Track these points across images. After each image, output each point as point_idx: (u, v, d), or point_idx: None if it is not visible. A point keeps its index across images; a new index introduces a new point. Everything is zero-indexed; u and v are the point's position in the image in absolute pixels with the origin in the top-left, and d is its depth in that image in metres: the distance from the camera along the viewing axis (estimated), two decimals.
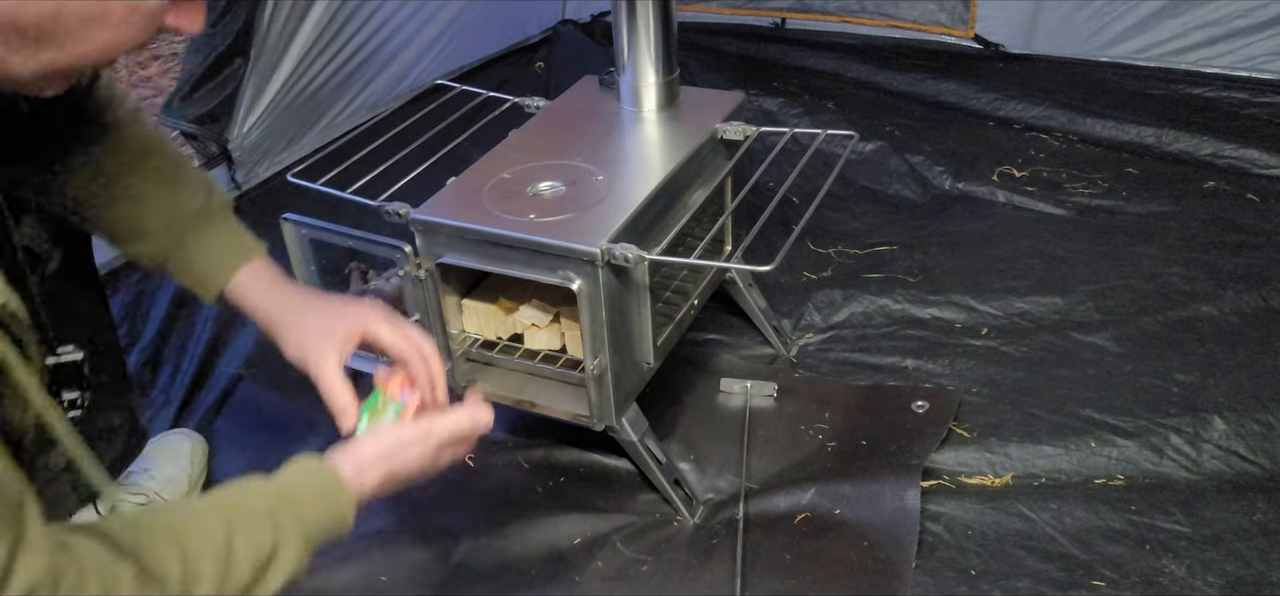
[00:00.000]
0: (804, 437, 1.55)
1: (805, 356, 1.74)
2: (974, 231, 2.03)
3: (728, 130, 1.48)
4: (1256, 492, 1.38)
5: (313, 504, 0.88)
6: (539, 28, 3.10)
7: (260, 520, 0.83)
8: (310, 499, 0.88)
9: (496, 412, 1.62)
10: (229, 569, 0.80)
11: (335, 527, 0.90)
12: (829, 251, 2.02)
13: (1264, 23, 2.35)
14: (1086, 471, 1.44)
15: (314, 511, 0.88)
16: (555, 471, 1.53)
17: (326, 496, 0.90)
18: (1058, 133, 2.37)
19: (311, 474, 0.91)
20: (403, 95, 2.67)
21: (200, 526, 0.80)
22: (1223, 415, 1.47)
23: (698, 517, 1.43)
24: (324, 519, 0.89)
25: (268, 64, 2.25)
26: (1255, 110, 2.32)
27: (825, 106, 2.54)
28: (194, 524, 0.80)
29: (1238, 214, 1.99)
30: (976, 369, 1.64)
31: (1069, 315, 1.74)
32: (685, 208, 1.41)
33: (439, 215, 1.30)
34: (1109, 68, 2.57)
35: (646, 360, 1.38)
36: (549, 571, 1.36)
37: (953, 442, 1.50)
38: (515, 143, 1.49)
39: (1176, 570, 1.28)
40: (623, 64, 1.50)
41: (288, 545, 0.84)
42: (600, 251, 1.19)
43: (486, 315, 1.41)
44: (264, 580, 0.83)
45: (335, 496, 0.90)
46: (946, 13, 2.74)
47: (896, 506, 1.36)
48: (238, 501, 0.84)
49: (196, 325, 1.91)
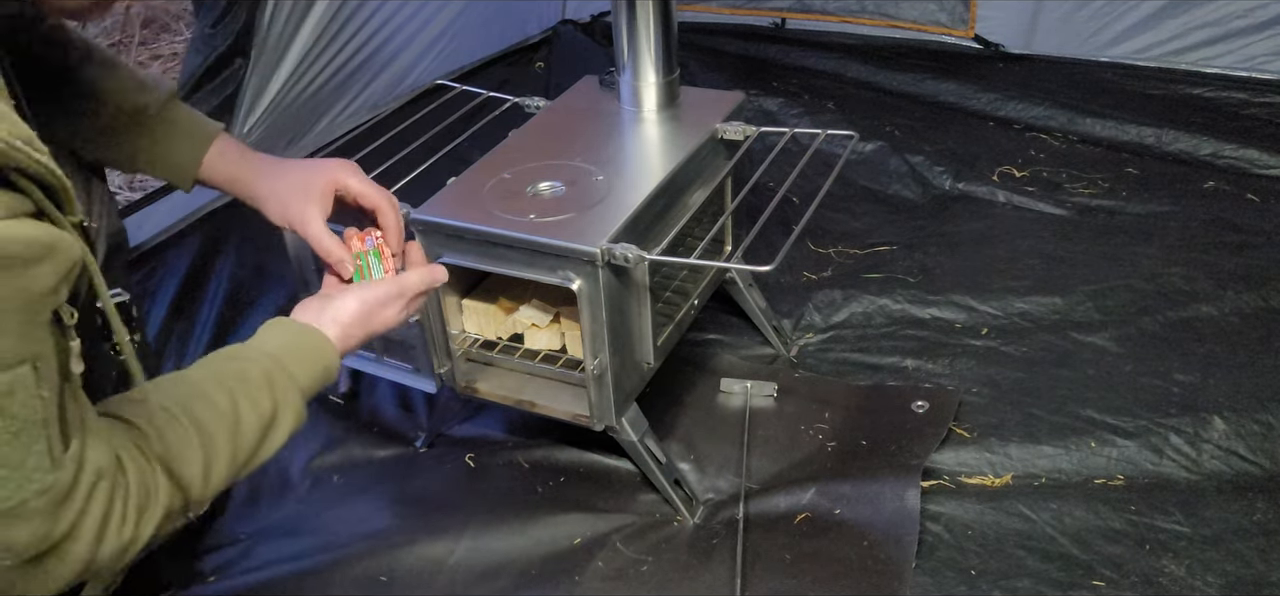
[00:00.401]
0: (804, 437, 1.55)
1: (805, 356, 1.74)
2: (974, 231, 2.03)
3: (728, 130, 1.48)
4: (1256, 492, 1.38)
5: (304, 364, 0.95)
6: (539, 28, 3.10)
7: (259, 385, 0.90)
8: (301, 360, 0.95)
9: (496, 412, 1.64)
10: (239, 435, 0.87)
11: (324, 381, 0.98)
12: (829, 251, 2.02)
13: (1264, 23, 2.35)
14: (1086, 471, 1.44)
15: (306, 371, 0.95)
16: (555, 471, 1.53)
17: (316, 355, 0.97)
18: (1058, 133, 2.37)
19: (301, 335, 0.98)
20: (403, 95, 2.67)
21: (209, 402, 0.86)
22: (1223, 415, 1.47)
23: (698, 517, 1.43)
24: (315, 375, 0.96)
25: (268, 64, 2.25)
26: (1255, 110, 2.32)
27: (825, 106, 2.54)
28: (203, 400, 0.86)
29: (1238, 214, 1.99)
30: (976, 369, 1.64)
31: (1069, 315, 1.74)
32: (685, 208, 1.41)
33: (439, 215, 1.30)
34: (1109, 68, 2.57)
35: (646, 360, 1.38)
36: (549, 571, 1.36)
37: (953, 442, 1.50)
38: (515, 143, 1.49)
39: (1176, 570, 1.28)
40: (623, 64, 1.51)
41: (286, 405, 0.92)
42: (600, 251, 1.19)
43: (486, 315, 1.41)
44: (269, 438, 0.91)
45: (323, 352, 0.98)
46: (946, 13, 2.74)
47: (896, 506, 1.36)
48: (236, 372, 0.90)
49: (197, 325, 1.91)
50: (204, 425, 0.84)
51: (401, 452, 1.61)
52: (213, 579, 1.40)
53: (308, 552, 1.42)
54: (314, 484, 1.56)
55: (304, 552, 1.42)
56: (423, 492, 1.52)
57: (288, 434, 0.93)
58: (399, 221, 1.13)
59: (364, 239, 1.10)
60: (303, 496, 1.53)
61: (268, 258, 2.03)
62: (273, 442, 0.91)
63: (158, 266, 2.08)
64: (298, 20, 2.26)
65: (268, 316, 1.97)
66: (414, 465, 1.58)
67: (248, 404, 0.88)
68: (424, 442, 1.61)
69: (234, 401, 0.87)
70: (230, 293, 1.99)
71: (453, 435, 1.63)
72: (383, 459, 1.60)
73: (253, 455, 0.89)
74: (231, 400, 0.87)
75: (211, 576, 1.40)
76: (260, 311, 1.93)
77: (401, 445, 1.62)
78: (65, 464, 0.69)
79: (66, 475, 0.69)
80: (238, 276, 2.03)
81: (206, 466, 0.84)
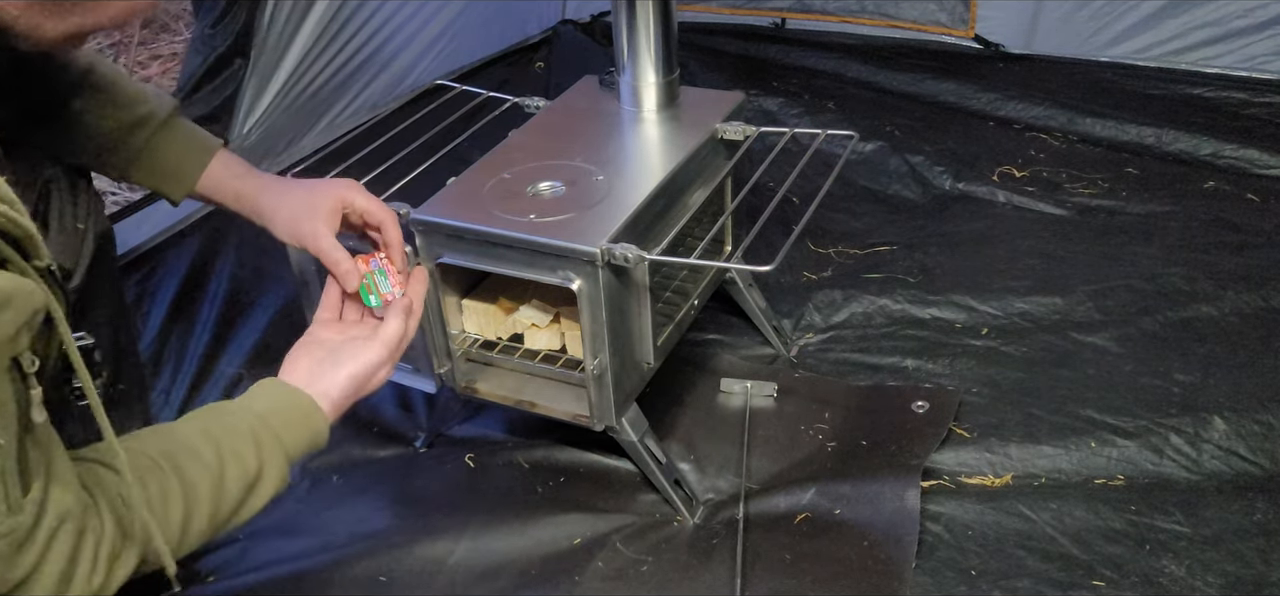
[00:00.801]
0: (804, 437, 1.55)
1: (805, 356, 1.74)
2: (974, 231, 2.03)
3: (728, 130, 1.48)
4: (1256, 492, 1.38)
5: (292, 429, 0.95)
6: (539, 28, 3.10)
7: (245, 443, 0.90)
8: (289, 424, 0.95)
9: (496, 412, 1.63)
10: (222, 492, 0.87)
11: (311, 447, 0.97)
12: (829, 251, 2.02)
13: (1264, 23, 2.35)
14: (1086, 471, 1.44)
15: (293, 436, 0.94)
16: (555, 471, 1.53)
17: (305, 421, 0.96)
18: (1058, 133, 2.36)
19: (288, 398, 0.97)
20: (403, 95, 2.67)
21: (193, 452, 0.86)
22: (1223, 415, 1.47)
23: (698, 517, 1.43)
24: (302, 440, 0.95)
25: (268, 64, 2.25)
26: (1255, 110, 2.32)
27: (825, 106, 2.54)
28: (188, 452, 0.86)
29: (1238, 214, 1.99)
30: (976, 369, 1.64)
31: (1069, 315, 1.74)
32: (685, 208, 1.41)
33: (439, 215, 1.30)
34: (1109, 68, 2.57)
35: (646, 360, 1.38)
36: (549, 571, 1.36)
37: (953, 442, 1.50)
38: (515, 143, 1.49)
39: (1176, 570, 1.28)
40: (623, 64, 1.51)
41: (271, 465, 0.91)
42: (600, 251, 1.19)
43: (486, 315, 1.41)
44: (250, 499, 0.90)
45: (312, 420, 0.97)
46: (946, 13, 2.74)
47: (896, 506, 1.36)
48: (224, 425, 0.90)
49: (197, 325, 1.91)
50: (187, 476, 0.84)
51: (401, 453, 1.61)
52: (212, 579, 1.40)
53: (307, 553, 1.42)
54: (313, 484, 1.56)
55: (303, 553, 1.42)
56: (422, 492, 1.52)
57: (270, 496, 0.92)
58: (401, 240, 1.15)
59: (369, 261, 1.12)
60: (302, 496, 1.53)
61: (268, 258, 2.03)
62: (254, 503, 0.91)
63: (158, 266, 2.08)
64: (298, 20, 2.26)
65: (268, 317, 1.99)
66: (414, 465, 1.58)
67: (233, 460, 0.88)
68: (424, 443, 1.61)
69: (220, 456, 0.87)
70: (230, 293, 1.98)
71: (453, 435, 1.63)
72: (382, 459, 1.60)
73: (234, 513, 0.89)
74: (217, 454, 0.87)
75: (211, 576, 1.40)
76: (260, 312, 1.93)
77: (401, 445, 1.62)
78: (24, 508, 0.69)
79: (26, 519, 0.69)
80: (238, 277, 2.03)
81: (186, 519, 0.84)
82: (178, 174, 1.17)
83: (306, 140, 2.44)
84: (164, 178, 1.17)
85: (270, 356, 1.81)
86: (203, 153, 1.17)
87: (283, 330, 1.86)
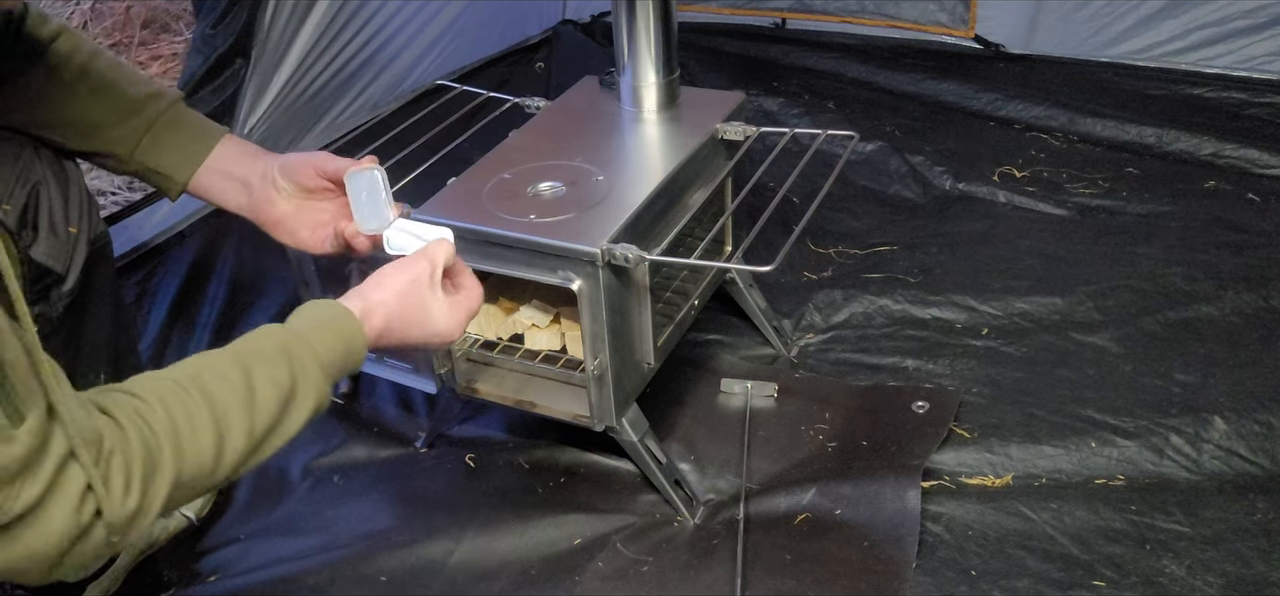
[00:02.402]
0: (804, 438, 1.55)
1: (805, 356, 1.74)
2: (974, 231, 2.03)
3: (728, 130, 1.48)
4: (1257, 492, 1.37)
5: (324, 336, 0.91)
6: (539, 28, 3.10)
7: (275, 358, 0.86)
8: (321, 331, 0.91)
9: (496, 412, 1.64)
10: (255, 408, 0.83)
11: (348, 358, 0.93)
12: (829, 251, 2.02)
13: (1264, 23, 2.35)
14: (1087, 471, 1.44)
15: (326, 342, 0.90)
16: (555, 471, 1.53)
17: (337, 327, 0.92)
18: (1058, 133, 2.36)
19: (319, 310, 0.94)
20: (403, 96, 2.67)
21: (219, 373, 0.82)
22: (1223, 415, 1.47)
23: (698, 518, 1.43)
24: (337, 348, 0.91)
25: (269, 65, 2.25)
26: (1255, 110, 2.32)
27: (825, 106, 2.54)
28: (212, 372, 0.82)
29: (1238, 214, 1.99)
30: (977, 369, 1.64)
31: (1069, 315, 1.74)
32: (685, 208, 1.41)
33: (439, 215, 1.30)
34: (1109, 68, 2.57)
35: (647, 360, 1.38)
36: (549, 571, 1.36)
37: (953, 443, 1.50)
38: (515, 143, 1.49)
39: (1177, 570, 1.28)
40: (623, 64, 1.51)
41: (306, 378, 0.87)
42: (600, 252, 1.19)
43: (486, 315, 1.41)
44: (289, 414, 0.86)
45: (345, 325, 0.93)
46: (946, 13, 2.74)
47: (897, 506, 1.36)
48: (250, 347, 0.87)
49: (197, 325, 1.91)
50: (215, 398, 0.81)
51: (401, 453, 1.61)
52: (213, 578, 1.40)
53: (307, 553, 1.42)
54: (314, 484, 1.56)
55: (304, 553, 1.42)
56: (423, 493, 1.52)
57: (310, 411, 0.88)
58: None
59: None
60: (302, 496, 1.53)
61: (268, 258, 2.03)
62: (294, 419, 0.87)
63: (158, 266, 2.08)
64: (298, 21, 2.26)
65: (268, 317, 1.99)
66: (414, 465, 1.58)
67: (263, 376, 0.84)
68: (424, 443, 1.61)
69: (247, 373, 0.84)
70: (230, 292, 1.99)
71: (453, 435, 1.63)
72: (383, 459, 1.60)
73: (271, 430, 0.85)
74: (244, 373, 0.84)
75: (211, 576, 1.40)
76: (260, 312, 1.93)
77: (401, 445, 1.62)
78: (16, 439, 0.67)
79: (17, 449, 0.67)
80: (238, 276, 2.03)
81: (220, 439, 0.80)
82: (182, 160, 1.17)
83: (307, 140, 2.44)
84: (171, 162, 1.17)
85: None
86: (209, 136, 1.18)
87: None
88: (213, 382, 0.82)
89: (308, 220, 1.19)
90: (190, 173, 1.18)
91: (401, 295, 0.99)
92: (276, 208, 1.18)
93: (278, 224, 1.19)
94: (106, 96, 1.13)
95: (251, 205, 1.19)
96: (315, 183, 1.17)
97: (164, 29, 3.36)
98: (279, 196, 1.18)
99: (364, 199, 1.11)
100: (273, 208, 1.18)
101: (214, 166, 1.18)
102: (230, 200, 1.19)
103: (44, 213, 1.08)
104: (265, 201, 1.18)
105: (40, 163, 1.09)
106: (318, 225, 1.19)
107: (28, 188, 1.06)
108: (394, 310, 0.98)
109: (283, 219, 1.18)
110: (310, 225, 1.19)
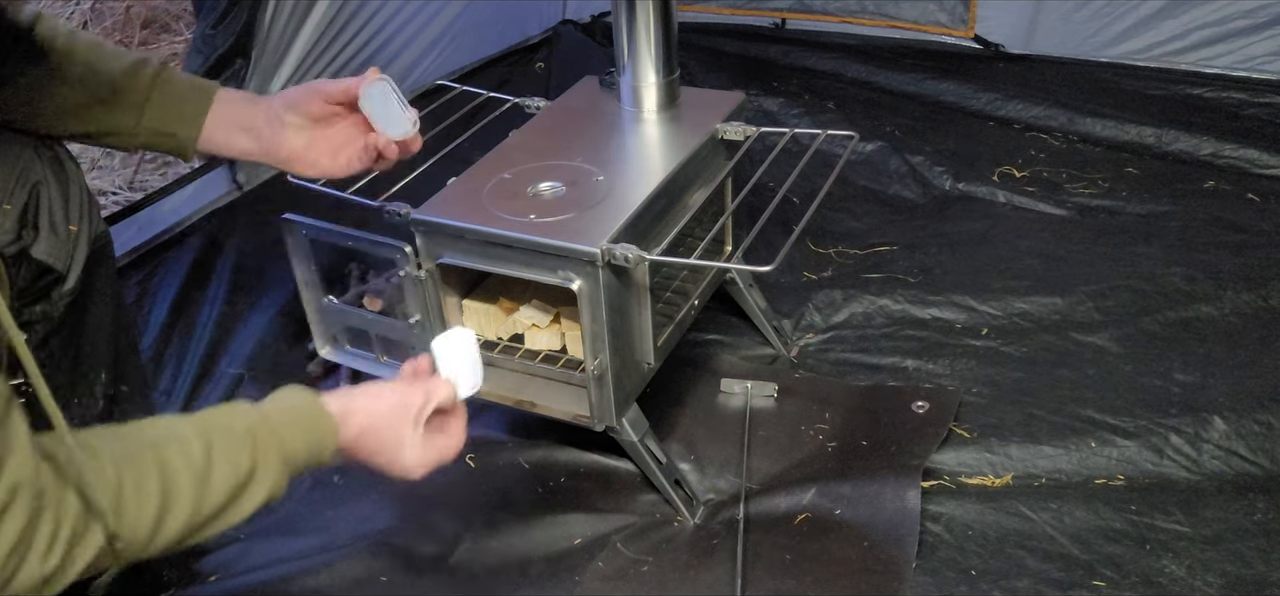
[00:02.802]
0: (804, 438, 1.55)
1: (805, 356, 1.74)
2: (974, 231, 2.03)
3: (728, 130, 1.48)
4: (1257, 492, 1.38)
5: (295, 429, 0.89)
6: (539, 28, 3.10)
7: (240, 439, 0.84)
8: (292, 424, 0.89)
9: (496, 412, 1.63)
10: (206, 488, 0.81)
11: (314, 456, 0.90)
12: (829, 251, 2.02)
13: (1264, 23, 2.35)
14: (1087, 471, 1.44)
15: (294, 436, 0.88)
16: (555, 471, 1.53)
17: (310, 422, 0.91)
18: (1058, 133, 2.36)
19: (295, 398, 0.92)
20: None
21: (180, 444, 0.81)
22: (1223, 415, 1.47)
23: (698, 518, 1.43)
24: (304, 443, 0.89)
25: (269, 65, 2.25)
26: (1255, 110, 2.32)
27: (825, 106, 2.54)
28: (174, 441, 0.81)
29: (1238, 214, 1.99)
30: (977, 369, 1.64)
31: (1069, 315, 1.74)
32: (685, 208, 1.41)
33: (439, 215, 1.30)
34: (1109, 68, 2.56)
35: (647, 360, 1.38)
36: (549, 571, 1.36)
37: (953, 443, 1.50)
38: (515, 143, 1.49)
39: (1176, 570, 1.28)
40: (623, 64, 1.51)
41: (266, 466, 0.85)
42: (600, 252, 1.19)
43: (486, 315, 1.41)
44: (239, 501, 0.84)
45: (318, 423, 0.91)
46: (946, 13, 2.74)
47: (897, 506, 1.36)
48: (219, 423, 0.85)
49: (197, 325, 1.91)
50: (169, 469, 0.79)
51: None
52: (213, 579, 1.40)
53: (308, 552, 1.42)
54: (314, 483, 1.55)
55: (304, 552, 1.42)
56: (423, 493, 1.51)
57: (262, 500, 0.86)
58: None
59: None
60: (303, 496, 1.53)
61: (268, 258, 2.03)
62: (244, 506, 0.84)
63: (158, 266, 2.08)
64: (298, 20, 2.26)
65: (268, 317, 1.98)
66: None
67: (222, 455, 0.82)
68: None
69: (208, 449, 0.82)
70: (230, 293, 1.98)
71: None
72: None
73: (219, 513, 0.82)
74: (206, 447, 0.81)
75: (212, 576, 1.40)
76: (261, 312, 1.93)
77: None
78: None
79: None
80: (238, 277, 2.02)
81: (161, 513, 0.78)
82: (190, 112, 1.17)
83: None
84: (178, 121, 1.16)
85: (271, 356, 1.81)
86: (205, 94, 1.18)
87: (283, 330, 1.86)
88: (171, 452, 0.80)
89: (325, 148, 1.21)
90: (197, 129, 1.17)
91: (384, 416, 0.97)
92: (289, 144, 1.19)
93: (296, 159, 1.20)
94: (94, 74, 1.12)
95: (262, 148, 1.19)
96: (324, 110, 1.19)
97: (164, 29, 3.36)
98: (289, 133, 1.19)
99: (380, 108, 1.17)
100: (285, 145, 1.19)
101: (218, 118, 1.18)
102: (240, 147, 1.20)
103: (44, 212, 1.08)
104: (276, 141, 1.19)
105: (40, 162, 1.09)
106: (339, 149, 1.21)
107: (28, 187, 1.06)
108: (371, 425, 0.96)
109: (300, 152, 1.20)
110: (330, 152, 1.21)
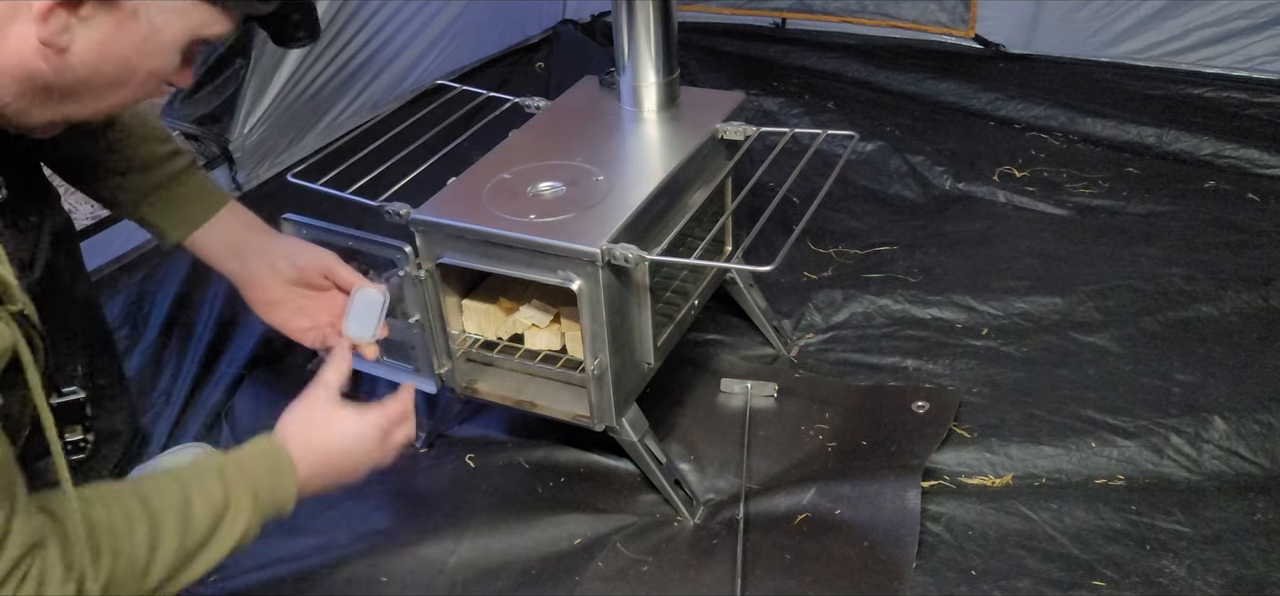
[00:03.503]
0: (804, 438, 1.55)
1: (805, 356, 1.74)
2: (974, 231, 2.03)
3: (728, 130, 1.48)
4: (1257, 492, 1.38)
5: (258, 467, 0.97)
6: (539, 28, 3.10)
7: (211, 476, 0.92)
8: (256, 462, 0.98)
9: (496, 412, 1.63)
10: (189, 520, 0.88)
11: (277, 493, 0.98)
12: (829, 251, 2.02)
13: (1264, 23, 2.35)
14: (1087, 471, 1.44)
15: (261, 475, 0.97)
16: (555, 471, 1.53)
17: (270, 461, 0.99)
18: (1058, 133, 2.36)
19: (259, 442, 1.01)
20: (403, 95, 2.67)
21: (155, 482, 0.90)
22: (1223, 415, 1.47)
23: (698, 518, 1.43)
24: (267, 482, 0.97)
25: (268, 65, 2.25)
26: (1255, 110, 2.32)
27: (825, 106, 2.54)
28: (148, 482, 0.90)
29: (1238, 214, 1.99)
30: (977, 369, 1.64)
31: (1069, 315, 1.74)
32: (685, 208, 1.41)
33: (439, 215, 1.30)
34: (1109, 68, 2.57)
35: (647, 360, 1.38)
36: (549, 571, 1.36)
37: (953, 443, 1.50)
38: (515, 143, 1.49)
39: (1177, 570, 1.28)
40: (623, 64, 1.51)
41: (238, 500, 0.93)
42: (600, 252, 1.19)
43: (486, 315, 1.41)
44: (220, 532, 0.91)
45: (277, 461, 0.99)
46: (947, 13, 2.74)
47: (897, 506, 1.36)
48: (190, 466, 0.94)
49: (198, 326, 1.91)
50: (151, 501, 0.86)
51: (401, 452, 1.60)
52: (213, 579, 1.40)
53: (307, 553, 1.42)
54: None
55: (303, 553, 1.42)
56: (423, 492, 1.52)
57: (241, 531, 0.93)
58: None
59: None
60: None
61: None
62: (225, 538, 0.91)
63: (158, 266, 2.08)
64: None
65: None
66: (414, 465, 1.58)
67: (198, 491, 0.90)
68: (424, 443, 1.61)
69: (184, 487, 0.90)
70: (231, 293, 1.97)
71: (453, 435, 1.63)
72: None
73: (203, 544, 0.90)
74: (181, 486, 0.89)
75: (212, 576, 1.40)
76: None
77: None
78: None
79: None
80: None
81: (152, 546, 0.85)
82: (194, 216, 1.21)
83: (307, 140, 2.44)
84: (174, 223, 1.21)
85: (271, 357, 1.81)
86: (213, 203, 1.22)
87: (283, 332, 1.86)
88: (151, 492, 0.87)
89: (294, 311, 1.25)
90: (185, 234, 1.22)
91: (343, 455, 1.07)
92: (269, 290, 1.23)
93: (268, 305, 1.24)
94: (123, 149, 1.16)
95: (243, 280, 1.23)
96: (320, 283, 1.23)
97: None
98: (274, 280, 1.22)
99: (360, 309, 1.21)
100: (265, 289, 1.23)
101: (211, 232, 1.22)
102: (222, 267, 1.24)
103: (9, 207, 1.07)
104: (257, 280, 1.23)
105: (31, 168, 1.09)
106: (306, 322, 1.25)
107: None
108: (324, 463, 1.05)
109: (277, 302, 1.24)
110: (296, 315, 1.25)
